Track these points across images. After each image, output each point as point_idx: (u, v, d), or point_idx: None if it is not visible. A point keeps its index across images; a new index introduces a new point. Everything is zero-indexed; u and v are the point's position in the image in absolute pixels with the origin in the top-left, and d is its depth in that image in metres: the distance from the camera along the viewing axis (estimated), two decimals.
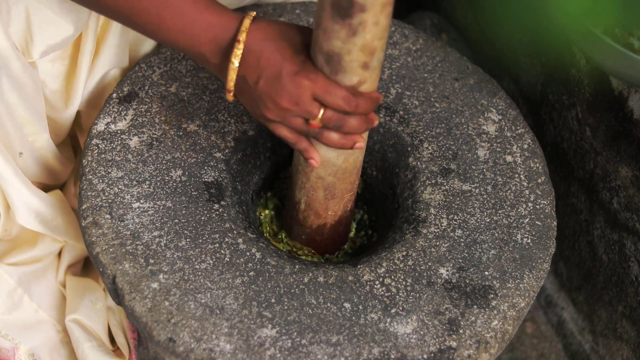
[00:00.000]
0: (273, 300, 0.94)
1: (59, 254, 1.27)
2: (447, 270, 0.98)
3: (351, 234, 1.17)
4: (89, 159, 1.03)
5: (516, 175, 1.07)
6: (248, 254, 0.98)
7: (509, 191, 1.06)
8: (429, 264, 0.99)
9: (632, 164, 1.16)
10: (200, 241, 0.98)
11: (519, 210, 1.04)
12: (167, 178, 1.03)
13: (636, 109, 1.12)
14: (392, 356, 0.91)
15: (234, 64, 0.87)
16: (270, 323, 0.92)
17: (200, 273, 0.95)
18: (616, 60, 0.95)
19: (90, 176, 1.02)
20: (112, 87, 1.15)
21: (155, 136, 1.06)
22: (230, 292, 0.94)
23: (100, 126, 1.06)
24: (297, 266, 0.97)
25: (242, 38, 0.86)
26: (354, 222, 1.18)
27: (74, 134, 1.26)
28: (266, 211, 1.17)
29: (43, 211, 1.16)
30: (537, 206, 1.05)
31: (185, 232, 0.98)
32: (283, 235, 1.14)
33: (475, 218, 1.03)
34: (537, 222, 1.03)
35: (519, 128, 1.12)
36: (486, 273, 0.98)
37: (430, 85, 1.15)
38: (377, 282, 0.97)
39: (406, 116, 1.12)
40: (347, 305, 0.94)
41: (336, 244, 1.13)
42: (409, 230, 1.02)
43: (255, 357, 0.90)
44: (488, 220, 1.03)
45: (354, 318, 0.93)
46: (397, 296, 0.95)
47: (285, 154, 1.16)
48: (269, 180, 1.17)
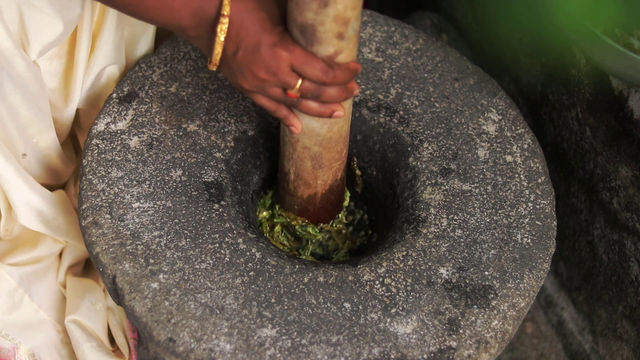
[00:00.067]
0: (273, 300, 0.94)
1: (60, 255, 1.27)
2: (447, 270, 0.98)
3: (351, 235, 1.18)
4: (89, 158, 1.03)
5: (516, 175, 1.07)
6: (248, 253, 0.98)
7: (509, 191, 1.06)
8: (429, 264, 0.99)
9: (632, 164, 1.16)
10: (200, 241, 0.98)
11: (519, 210, 1.04)
12: (167, 178, 1.03)
13: (636, 109, 1.12)
14: (392, 356, 0.91)
15: (220, 38, 0.87)
16: (270, 323, 0.92)
17: (200, 273, 0.95)
18: (616, 60, 0.95)
19: (90, 176, 1.02)
20: (111, 86, 1.15)
21: (155, 136, 1.06)
22: (230, 292, 0.94)
23: (100, 126, 1.06)
24: (297, 266, 0.97)
25: (226, 12, 0.86)
26: (355, 220, 1.19)
27: (74, 133, 1.26)
28: (266, 211, 1.17)
29: (45, 210, 1.16)
30: (537, 206, 1.05)
31: (185, 232, 0.98)
32: (277, 208, 1.14)
33: (475, 218, 1.03)
34: (537, 222, 1.03)
35: (519, 128, 1.12)
36: (486, 273, 0.98)
37: (430, 85, 1.15)
38: (377, 282, 0.97)
39: (406, 116, 1.12)
40: (347, 305, 0.94)
41: (330, 212, 1.13)
42: (409, 230, 1.02)
43: (255, 357, 0.90)
44: (488, 220, 1.03)
45: (354, 318, 0.93)
46: (397, 296, 0.95)
47: None
48: (268, 180, 1.17)
